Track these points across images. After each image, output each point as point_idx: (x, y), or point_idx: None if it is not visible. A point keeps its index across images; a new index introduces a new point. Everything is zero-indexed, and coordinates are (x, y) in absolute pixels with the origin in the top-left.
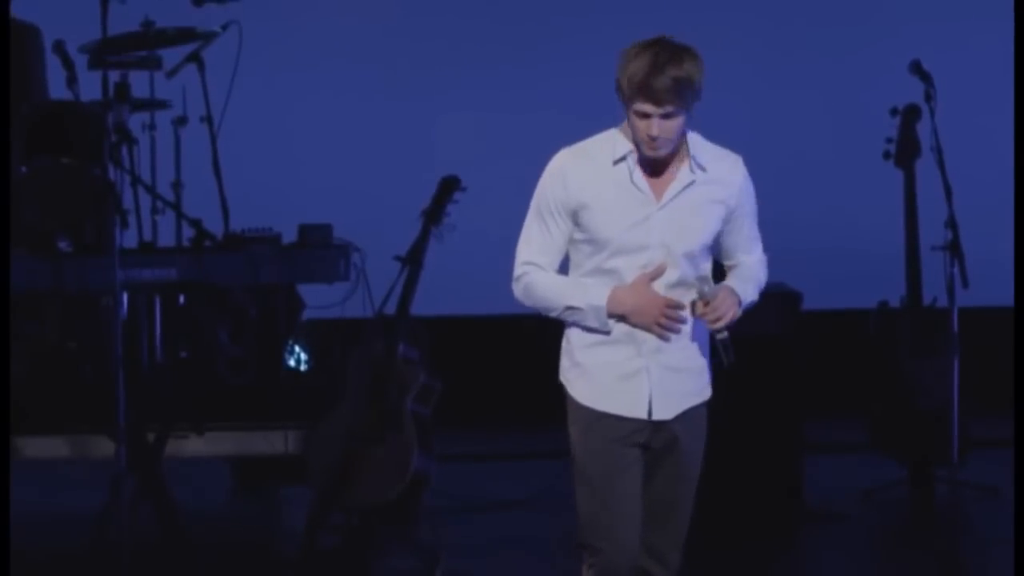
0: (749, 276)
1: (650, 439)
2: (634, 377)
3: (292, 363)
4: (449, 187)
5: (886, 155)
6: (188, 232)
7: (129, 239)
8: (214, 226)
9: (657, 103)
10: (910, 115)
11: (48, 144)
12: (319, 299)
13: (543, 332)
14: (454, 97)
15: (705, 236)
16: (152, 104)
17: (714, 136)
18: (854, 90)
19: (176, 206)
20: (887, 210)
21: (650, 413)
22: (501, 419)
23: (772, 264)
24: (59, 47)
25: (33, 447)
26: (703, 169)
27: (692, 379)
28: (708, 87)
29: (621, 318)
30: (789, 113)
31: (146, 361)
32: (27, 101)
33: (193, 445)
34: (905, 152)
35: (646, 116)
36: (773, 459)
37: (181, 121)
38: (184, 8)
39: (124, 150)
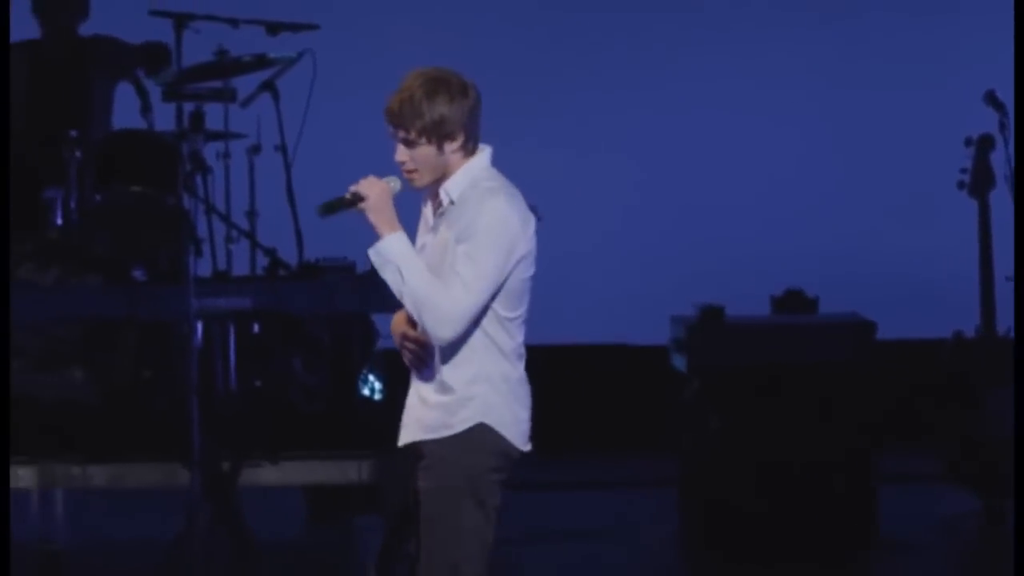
0: (404, 262)
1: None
2: (407, 404)
3: (366, 392)
4: None
5: (960, 185)
6: (262, 261)
7: (203, 268)
8: (288, 255)
9: (387, 122)
10: (984, 145)
11: (123, 173)
12: None
13: (613, 361)
14: (522, 127)
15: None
16: (227, 134)
17: (785, 167)
18: (929, 120)
19: (251, 235)
20: (962, 240)
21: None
22: (572, 448)
23: (846, 293)
24: (134, 76)
25: (108, 475)
26: (452, 200)
27: (431, 412)
28: (783, 117)
29: None
30: (864, 143)
31: (220, 389)
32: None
33: (267, 473)
34: (979, 182)
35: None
36: (848, 489)
37: (255, 150)
38: (259, 37)
39: (199, 179)
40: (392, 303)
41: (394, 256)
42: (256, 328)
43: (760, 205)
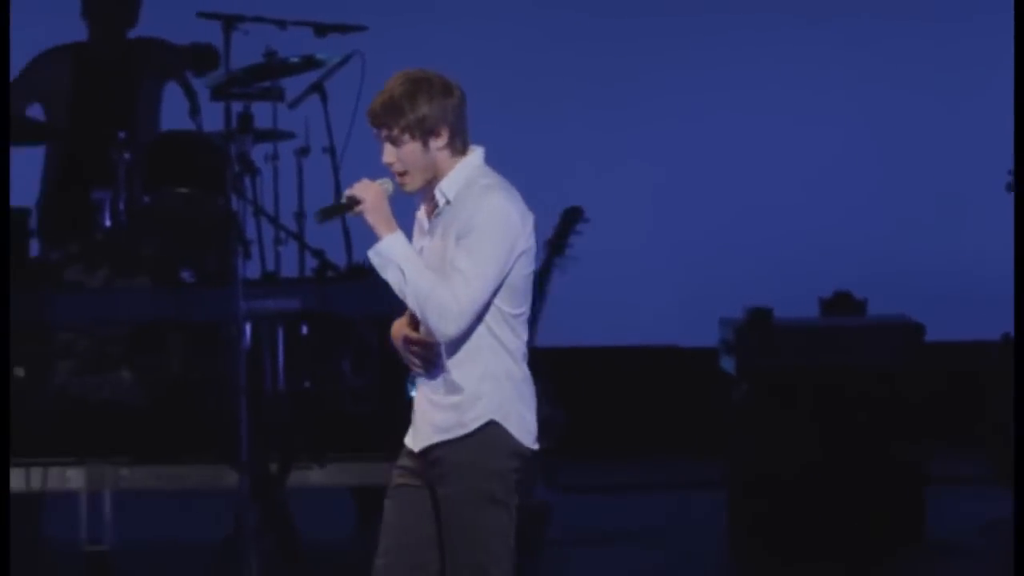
0: (405, 262)
1: (421, 475)
2: (416, 408)
3: (414, 393)
4: (572, 218)
5: (1009, 187)
6: (311, 262)
7: (252, 269)
8: (337, 256)
9: (371, 123)
10: None
11: (171, 174)
12: None
13: (668, 363)
14: (578, 129)
15: None
16: (275, 135)
17: (833, 169)
18: (977, 121)
19: (299, 236)
20: (1010, 241)
21: (411, 442)
22: (624, 450)
23: (895, 295)
24: (182, 78)
25: (156, 477)
26: (448, 200)
27: (442, 413)
28: (831, 118)
29: None
30: (912, 144)
31: (269, 391)
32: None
33: (316, 475)
34: None
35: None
36: (896, 490)
37: (304, 151)
38: (307, 39)
39: (247, 180)
40: None
41: (395, 256)
42: (305, 329)
43: (808, 207)
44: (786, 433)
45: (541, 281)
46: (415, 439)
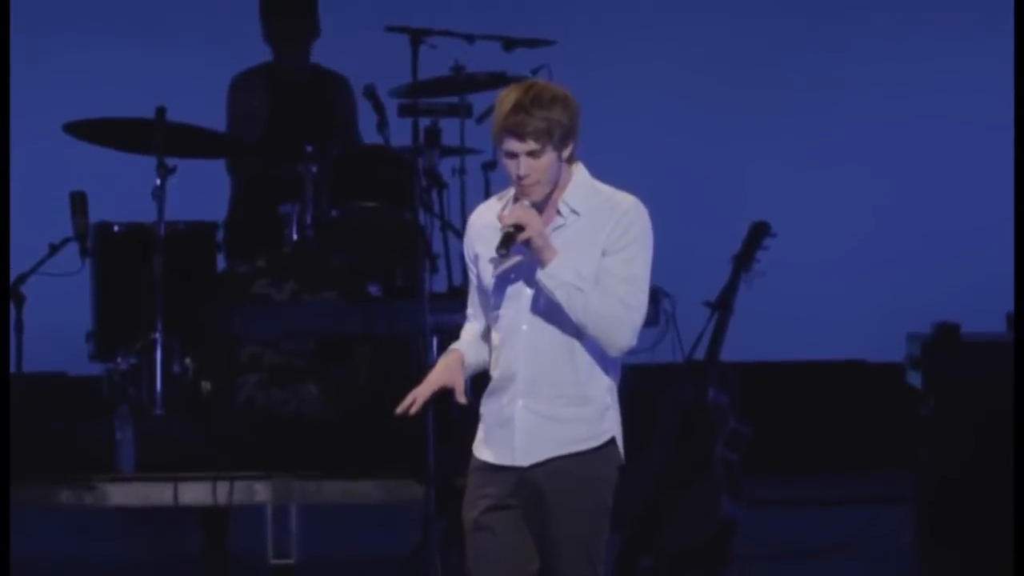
0: (579, 282)
1: (516, 492)
2: (508, 423)
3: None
4: (759, 233)
5: None
6: None
7: (439, 283)
8: None
9: (521, 138)
10: None
11: (359, 188)
12: None
13: (854, 378)
14: (765, 143)
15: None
16: (462, 150)
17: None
18: None
19: None
20: None
21: (515, 458)
22: (811, 465)
23: None
24: (370, 91)
25: (342, 491)
26: (575, 212)
27: (563, 427)
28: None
29: None
30: None
31: (455, 405)
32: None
33: None
34: None
35: (514, 156)
36: None
37: (491, 166)
38: (495, 53)
39: (434, 194)
40: None
41: (568, 276)
42: None
43: (995, 222)
44: (973, 448)
45: (727, 296)
46: (519, 453)
